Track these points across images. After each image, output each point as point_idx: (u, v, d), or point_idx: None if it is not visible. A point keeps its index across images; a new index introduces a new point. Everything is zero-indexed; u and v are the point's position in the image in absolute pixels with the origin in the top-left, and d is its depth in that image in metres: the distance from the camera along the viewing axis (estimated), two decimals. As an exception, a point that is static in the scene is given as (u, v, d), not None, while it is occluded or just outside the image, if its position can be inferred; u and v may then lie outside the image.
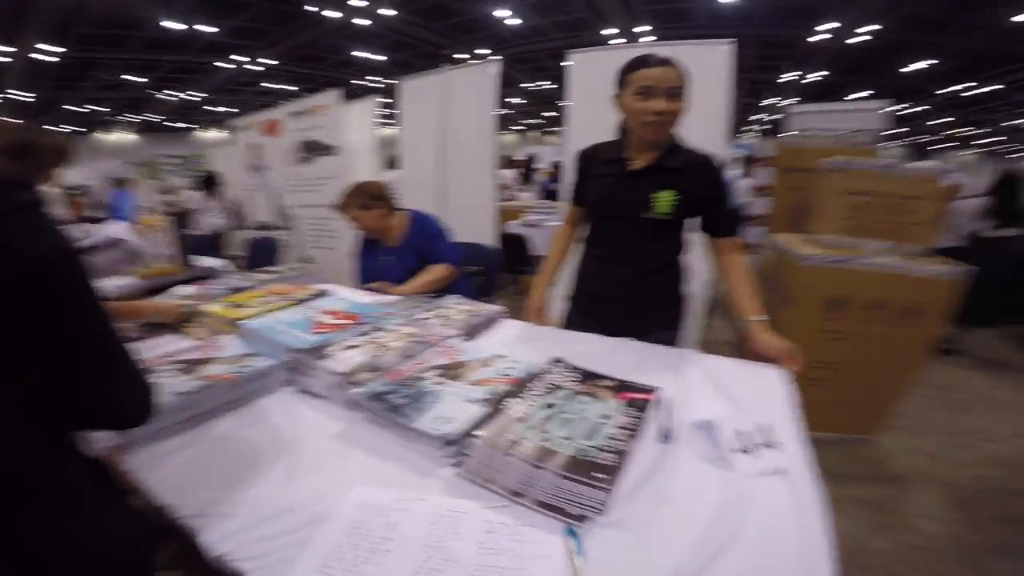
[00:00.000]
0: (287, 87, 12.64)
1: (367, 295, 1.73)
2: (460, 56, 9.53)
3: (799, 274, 2.18)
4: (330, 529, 0.63)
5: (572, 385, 0.93)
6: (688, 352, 1.26)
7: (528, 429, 0.75)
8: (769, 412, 0.94)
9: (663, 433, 0.89)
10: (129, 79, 10.79)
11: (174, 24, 7.71)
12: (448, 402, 0.86)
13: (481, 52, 9.66)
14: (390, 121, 5.31)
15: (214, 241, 4.92)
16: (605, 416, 0.81)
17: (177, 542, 0.65)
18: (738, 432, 0.84)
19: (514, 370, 1.00)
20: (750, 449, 0.82)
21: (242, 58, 9.90)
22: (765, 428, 0.87)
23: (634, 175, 1.31)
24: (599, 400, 0.87)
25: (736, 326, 1.32)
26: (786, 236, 2.55)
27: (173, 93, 12.68)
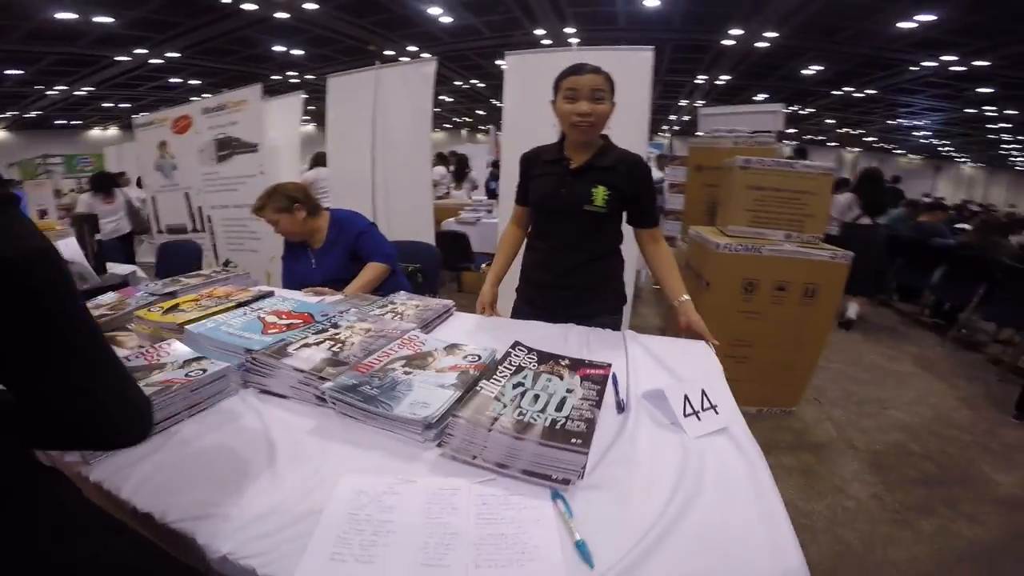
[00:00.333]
0: (193, 82, 11.69)
1: (312, 296, 1.69)
2: (389, 53, 9.30)
3: (716, 261, 2.41)
4: (330, 518, 0.64)
5: (533, 366, 0.99)
6: (627, 332, 1.38)
7: (504, 406, 0.81)
8: (704, 380, 1.06)
9: (618, 403, 0.98)
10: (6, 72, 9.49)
11: (66, 14, 6.85)
12: (420, 389, 0.89)
13: (411, 49, 9.49)
14: (305, 118, 5.10)
15: (123, 246, 4.50)
16: (569, 390, 0.88)
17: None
18: (686, 399, 0.95)
19: (478, 356, 1.05)
20: (697, 414, 0.93)
21: (142, 51, 9.02)
22: (705, 394, 0.98)
23: (574, 173, 1.43)
24: (561, 378, 0.94)
25: (662, 310, 1.47)
26: (701, 228, 2.79)
27: (60, 88, 11.31)
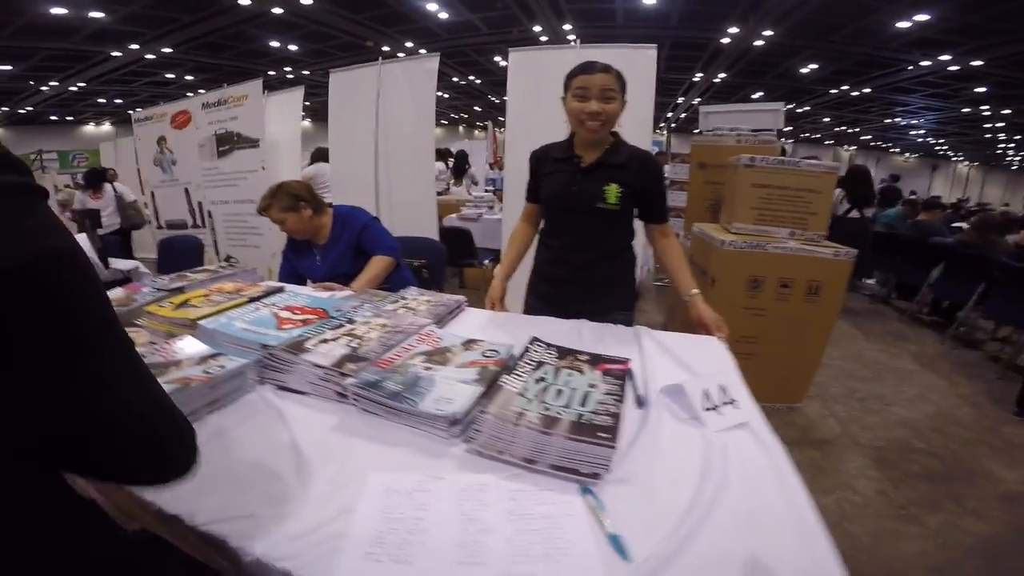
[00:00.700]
0: (188, 77, 11.59)
1: (322, 292, 1.69)
2: (385, 49, 9.25)
3: (722, 258, 2.41)
4: (362, 517, 0.63)
5: (553, 361, 0.99)
6: (640, 328, 1.38)
7: (529, 401, 0.80)
8: (721, 375, 1.06)
9: (638, 398, 0.98)
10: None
11: (59, 10, 6.76)
12: (443, 385, 0.89)
13: (408, 45, 9.45)
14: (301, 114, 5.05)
15: (122, 242, 4.47)
16: (592, 385, 0.88)
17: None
18: (705, 394, 0.95)
19: (496, 352, 1.04)
20: (716, 408, 0.93)
21: (136, 46, 8.93)
22: (723, 389, 0.99)
23: (586, 170, 1.43)
24: (582, 373, 0.94)
25: (664, 306, 1.48)
26: (705, 225, 2.80)
27: (52, 84, 11.18)
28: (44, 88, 11.69)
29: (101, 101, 13.92)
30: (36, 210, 0.38)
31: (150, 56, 9.57)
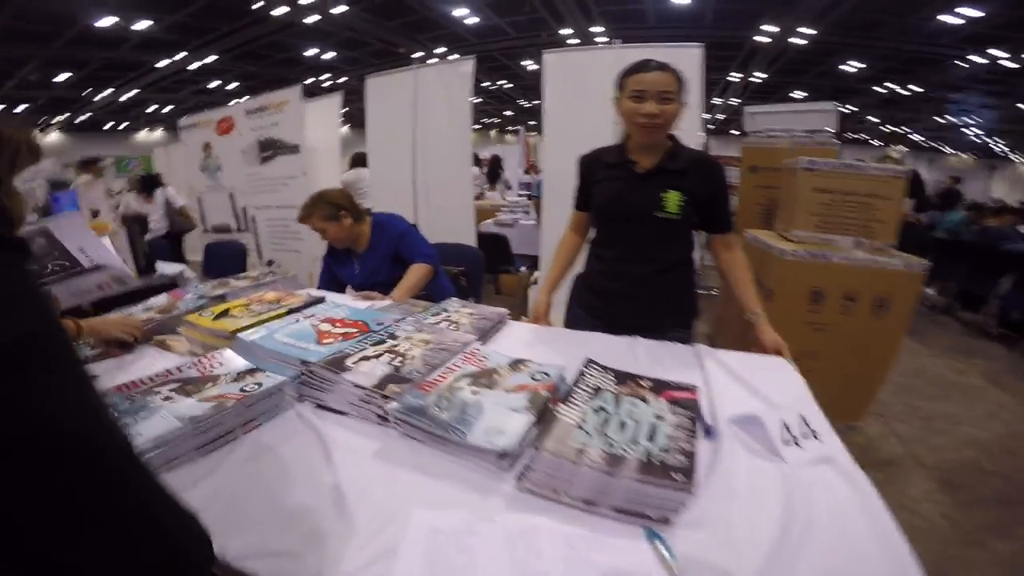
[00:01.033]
0: (231, 85, 12.01)
1: (361, 302, 1.65)
2: (417, 55, 9.35)
3: (781, 268, 2.26)
4: (407, 561, 0.57)
5: (612, 387, 0.91)
6: (700, 347, 1.27)
7: (589, 436, 0.72)
8: (797, 403, 0.96)
9: (706, 429, 0.89)
10: (56, 78, 9.93)
11: (107, 21, 7.12)
12: (492, 413, 0.82)
13: (438, 51, 9.52)
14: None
15: (171, 245, 4.61)
16: (658, 416, 0.80)
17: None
18: (783, 424, 0.85)
19: (547, 375, 0.96)
20: (797, 440, 0.83)
21: (182, 55, 9.31)
22: (804, 419, 0.88)
23: (643, 176, 1.33)
24: (646, 402, 0.85)
25: (710, 318, 1.36)
26: (760, 232, 2.64)
27: (106, 92, 11.78)
28: (97, 99, 12.30)
29: (153, 108, 14.56)
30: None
31: (194, 65, 9.95)
